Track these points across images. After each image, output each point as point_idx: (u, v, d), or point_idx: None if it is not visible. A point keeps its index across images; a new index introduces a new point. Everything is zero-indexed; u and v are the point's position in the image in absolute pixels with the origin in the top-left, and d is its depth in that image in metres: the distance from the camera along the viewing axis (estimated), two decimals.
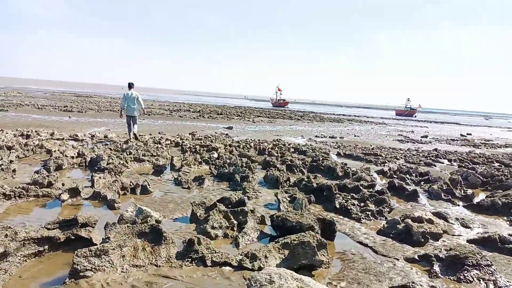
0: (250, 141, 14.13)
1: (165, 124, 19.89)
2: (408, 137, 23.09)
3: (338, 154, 12.40)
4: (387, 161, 11.26)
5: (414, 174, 8.96)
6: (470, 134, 28.91)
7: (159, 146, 10.66)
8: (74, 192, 5.22)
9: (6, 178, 5.96)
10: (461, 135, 28.38)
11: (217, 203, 4.95)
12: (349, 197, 6.18)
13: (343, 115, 51.10)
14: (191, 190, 6.45)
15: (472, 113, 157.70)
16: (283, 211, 5.36)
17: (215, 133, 16.99)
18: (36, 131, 11.62)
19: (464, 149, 17.73)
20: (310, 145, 14.54)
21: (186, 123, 21.23)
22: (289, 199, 5.74)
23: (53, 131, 11.81)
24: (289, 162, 9.10)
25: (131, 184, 5.92)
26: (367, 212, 5.58)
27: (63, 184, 5.52)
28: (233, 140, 14.20)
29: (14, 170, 6.15)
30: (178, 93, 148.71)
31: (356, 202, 5.93)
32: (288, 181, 7.45)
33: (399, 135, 24.56)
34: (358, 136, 21.31)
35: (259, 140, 14.65)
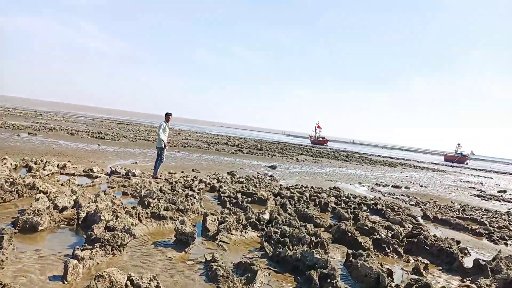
0: (303, 188, 11.24)
1: (201, 158, 17.52)
2: (484, 191, 19.12)
3: (426, 218, 9.15)
4: (506, 236, 7.88)
5: None
6: None
7: (190, 192, 8.06)
8: None
9: None
10: None
11: None
12: None
13: (390, 157, 46.90)
14: None
15: None
16: None
17: (258, 173, 14.28)
18: (46, 162, 9.49)
19: None
20: (379, 198, 11.39)
21: (224, 159, 18.77)
22: None
23: (65, 163, 9.61)
24: (376, 235, 6.10)
25: (128, 283, 3.23)
26: None
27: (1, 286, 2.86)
28: (281, 185, 11.39)
29: None
30: (216, 125, 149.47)
31: None
32: (390, 278, 4.47)
33: (470, 187, 20.57)
34: (425, 186, 17.71)
35: (312, 187, 11.71)
